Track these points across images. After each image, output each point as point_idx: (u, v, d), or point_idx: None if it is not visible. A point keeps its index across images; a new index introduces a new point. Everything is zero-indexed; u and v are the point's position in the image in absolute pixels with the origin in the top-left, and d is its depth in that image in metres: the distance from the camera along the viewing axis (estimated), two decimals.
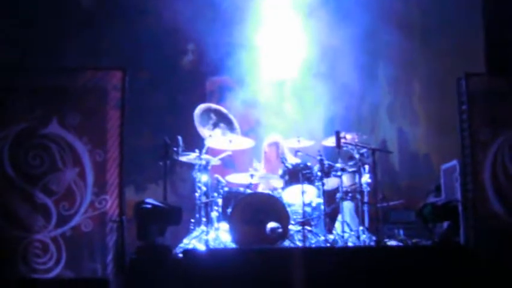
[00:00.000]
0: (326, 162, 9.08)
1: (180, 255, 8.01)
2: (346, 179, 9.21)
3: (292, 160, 9.45)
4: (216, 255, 8.11)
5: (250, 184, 9.17)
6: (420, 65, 11.38)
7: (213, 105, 9.91)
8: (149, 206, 8.12)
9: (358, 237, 8.69)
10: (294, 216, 8.99)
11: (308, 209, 9.09)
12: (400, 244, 8.78)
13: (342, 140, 8.97)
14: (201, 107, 9.74)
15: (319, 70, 11.00)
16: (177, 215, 8.29)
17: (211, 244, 8.62)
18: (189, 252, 8.03)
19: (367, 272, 7.64)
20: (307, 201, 9.00)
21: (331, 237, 8.86)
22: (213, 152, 9.38)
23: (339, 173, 9.04)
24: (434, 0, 11.12)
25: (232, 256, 8.08)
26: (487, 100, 8.25)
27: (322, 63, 11.00)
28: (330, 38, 10.86)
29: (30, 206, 7.89)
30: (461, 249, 7.93)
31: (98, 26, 10.92)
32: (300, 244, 8.64)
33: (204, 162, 9.09)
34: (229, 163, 9.98)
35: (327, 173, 9.05)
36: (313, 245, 8.62)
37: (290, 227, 8.78)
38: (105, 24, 10.98)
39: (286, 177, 9.17)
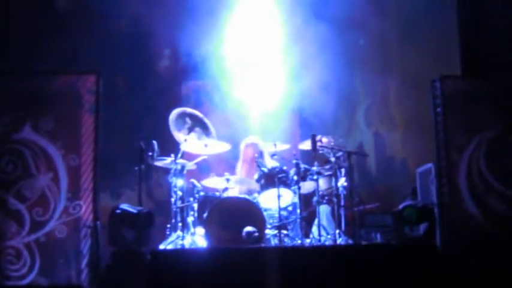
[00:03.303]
0: (302, 165, 9.06)
1: (148, 256, 7.88)
2: (322, 183, 9.20)
3: (269, 164, 9.42)
4: (186, 255, 8.04)
5: (226, 188, 9.13)
6: (396, 67, 11.40)
7: (188, 110, 9.84)
8: (119, 211, 8.05)
9: (335, 241, 8.64)
10: (271, 220, 8.98)
11: (284, 213, 9.09)
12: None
13: (318, 144, 8.94)
14: (176, 111, 9.67)
15: (295, 73, 10.97)
16: (148, 220, 8.21)
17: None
18: (157, 253, 7.95)
19: (341, 270, 7.66)
20: (283, 205, 8.97)
21: (307, 241, 8.84)
22: (189, 157, 9.33)
23: (315, 177, 9.01)
24: (409, 2, 11.11)
25: (204, 256, 7.98)
26: (462, 102, 8.29)
27: (298, 66, 10.97)
28: (305, 38, 10.85)
29: (2, 212, 7.81)
30: (437, 250, 7.94)
31: (72, 30, 10.82)
32: None
33: (179, 167, 9.03)
34: (205, 168, 9.90)
35: (303, 176, 9.05)
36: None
37: (266, 231, 8.75)
38: (80, 29, 10.88)
39: (262, 181, 9.14)
